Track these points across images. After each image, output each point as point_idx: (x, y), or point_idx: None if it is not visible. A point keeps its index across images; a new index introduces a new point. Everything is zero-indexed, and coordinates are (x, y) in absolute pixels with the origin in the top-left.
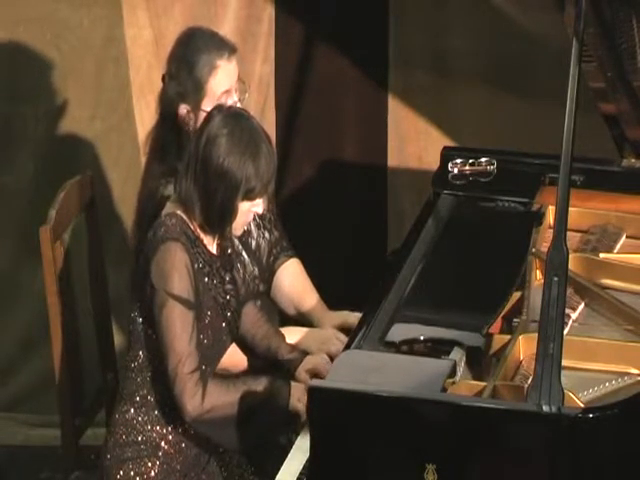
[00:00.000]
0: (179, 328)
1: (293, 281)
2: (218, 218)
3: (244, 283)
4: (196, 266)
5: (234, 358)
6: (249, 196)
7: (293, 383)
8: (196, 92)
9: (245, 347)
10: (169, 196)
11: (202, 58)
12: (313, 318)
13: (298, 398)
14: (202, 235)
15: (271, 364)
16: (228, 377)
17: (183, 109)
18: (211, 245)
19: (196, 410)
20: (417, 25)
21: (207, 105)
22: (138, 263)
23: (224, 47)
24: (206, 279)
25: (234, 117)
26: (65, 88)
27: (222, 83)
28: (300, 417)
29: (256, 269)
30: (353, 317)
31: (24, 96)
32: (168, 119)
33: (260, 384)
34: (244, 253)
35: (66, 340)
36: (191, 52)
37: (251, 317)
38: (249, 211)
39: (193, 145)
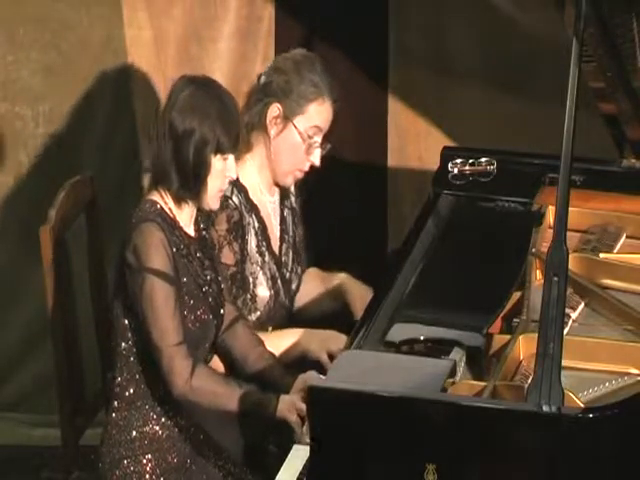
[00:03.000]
0: (161, 302)
1: (311, 282)
2: (193, 175)
3: (274, 308)
4: (174, 249)
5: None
6: (220, 149)
7: (283, 395)
8: (298, 102)
9: (236, 368)
10: None
11: (316, 79)
12: (342, 290)
13: (287, 408)
14: (178, 217)
15: (263, 384)
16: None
17: (276, 108)
18: (188, 227)
19: (184, 384)
20: (417, 25)
21: (299, 123)
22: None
23: (334, 92)
24: (184, 260)
25: (195, 79)
26: (65, 88)
27: (322, 117)
28: (290, 427)
29: (287, 301)
30: None
31: (24, 96)
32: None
33: (250, 390)
34: (279, 282)
35: (66, 340)
36: (308, 66)
37: (244, 337)
38: (223, 174)
39: (160, 113)
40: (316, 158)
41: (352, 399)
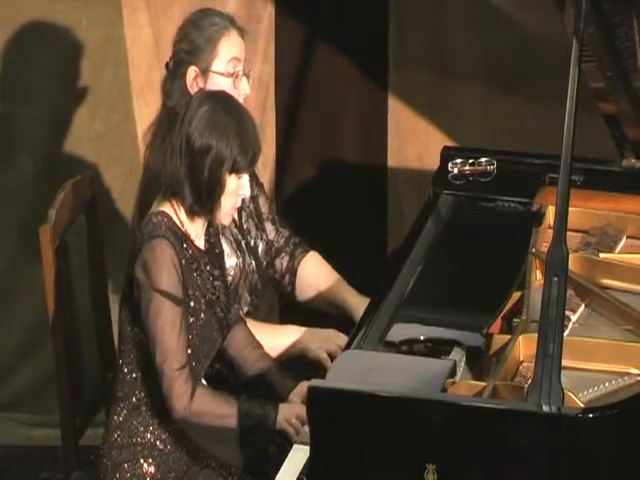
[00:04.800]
0: (167, 324)
1: (317, 273)
2: (207, 193)
3: (244, 271)
4: (184, 262)
5: None
6: (235, 169)
7: (281, 405)
8: (207, 49)
9: (234, 370)
10: None
11: (214, 20)
12: (346, 304)
13: (285, 419)
14: (189, 230)
15: (261, 386)
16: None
17: (192, 71)
18: (198, 240)
19: (184, 409)
20: (417, 25)
21: (218, 67)
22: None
23: (234, 21)
24: (194, 274)
25: (215, 95)
26: (65, 88)
27: (234, 47)
28: (288, 437)
29: (254, 263)
30: None
31: (24, 96)
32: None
33: (249, 404)
34: (243, 244)
35: (66, 340)
36: (202, 16)
37: (243, 339)
38: (236, 193)
39: (177, 127)
40: (245, 87)
41: (352, 399)
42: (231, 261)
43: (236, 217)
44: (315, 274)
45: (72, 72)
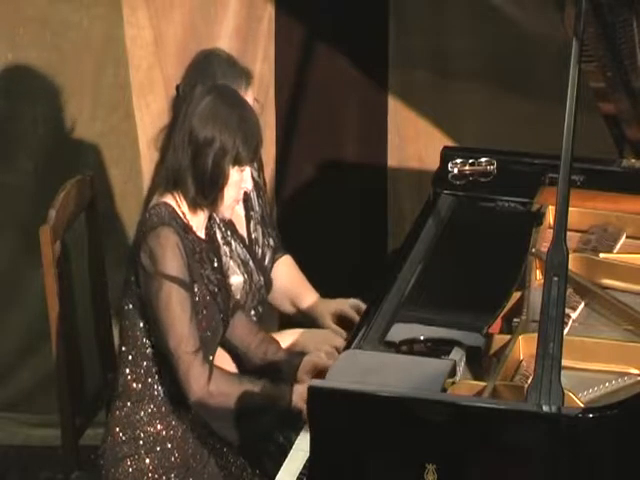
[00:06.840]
0: (178, 309)
1: (287, 276)
2: (210, 184)
3: (250, 291)
4: (188, 253)
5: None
6: (238, 159)
7: (296, 385)
8: None
9: (239, 359)
10: None
11: None
12: (311, 308)
13: (301, 397)
14: (191, 222)
15: (268, 371)
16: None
17: None
18: (200, 230)
19: (202, 390)
20: (417, 25)
21: None
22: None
23: (241, 78)
24: (197, 265)
25: (217, 88)
26: (65, 88)
27: None
28: (303, 416)
29: (262, 278)
30: (348, 305)
31: (24, 96)
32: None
33: (264, 384)
34: (251, 263)
35: (66, 340)
36: (209, 79)
37: (243, 327)
38: (239, 186)
39: (180, 119)
40: None
41: (352, 399)
42: (237, 280)
43: (244, 230)
44: (284, 277)
45: (72, 72)
